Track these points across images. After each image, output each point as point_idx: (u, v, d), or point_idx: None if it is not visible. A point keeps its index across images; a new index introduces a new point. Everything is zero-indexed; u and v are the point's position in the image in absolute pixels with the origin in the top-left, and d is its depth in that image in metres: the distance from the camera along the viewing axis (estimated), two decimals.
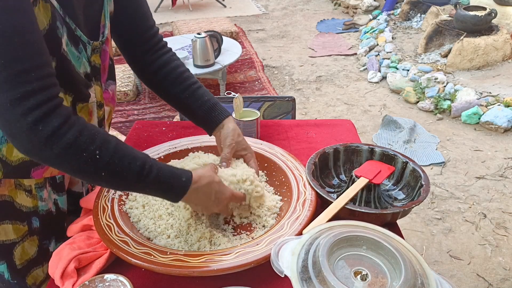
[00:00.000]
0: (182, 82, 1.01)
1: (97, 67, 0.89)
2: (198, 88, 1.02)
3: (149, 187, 0.76)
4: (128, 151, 0.74)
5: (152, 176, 0.74)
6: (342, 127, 1.35)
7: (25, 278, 0.95)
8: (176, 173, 0.78)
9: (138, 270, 0.83)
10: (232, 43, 3.76)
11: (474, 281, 1.91)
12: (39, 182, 0.90)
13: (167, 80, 1.01)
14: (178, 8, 6.19)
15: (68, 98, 0.82)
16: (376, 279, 0.65)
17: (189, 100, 1.01)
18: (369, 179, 0.94)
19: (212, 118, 1.01)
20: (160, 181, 0.76)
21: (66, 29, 0.77)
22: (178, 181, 0.78)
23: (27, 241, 0.93)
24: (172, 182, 0.77)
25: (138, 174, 0.73)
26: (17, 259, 0.92)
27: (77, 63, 0.82)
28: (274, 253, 0.69)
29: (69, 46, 0.79)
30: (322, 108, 3.46)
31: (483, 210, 2.32)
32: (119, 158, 0.71)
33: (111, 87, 0.98)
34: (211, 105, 1.01)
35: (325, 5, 6.29)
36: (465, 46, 3.51)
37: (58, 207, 0.97)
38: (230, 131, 0.99)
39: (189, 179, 0.79)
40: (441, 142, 2.93)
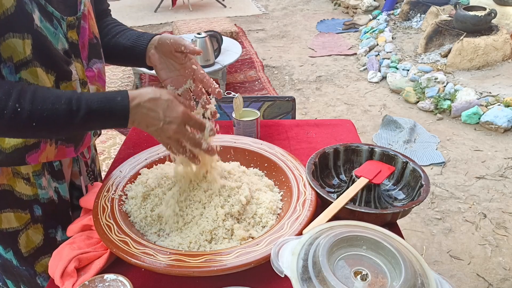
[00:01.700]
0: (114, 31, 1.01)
1: (75, 43, 0.88)
2: (129, 30, 1.02)
3: (87, 120, 0.74)
4: (49, 93, 0.73)
5: (83, 108, 0.73)
6: (342, 127, 1.35)
7: (33, 265, 0.97)
8: (109, 96, 0.76)
9: (138, 270, 0.83)
10: (232, 43, 3.76)
11: (474, 281, 1.91)
12: (36, 170, 0.91)
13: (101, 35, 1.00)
14: (178, 8, 6.19)
15: (50, 77, 0.82)
16: (376, 279, 0.65)
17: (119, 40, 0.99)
18: (369, 179, 0.94)
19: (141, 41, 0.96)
20: (94, 110, 0.74)
21: (36, 4, 0.76)
22: (114, 103, 0.75)
23: (31, 229, 0.94)
24: (107, 107, 0.75)
25: (68, 111, 0.72)
26: (22, 246, 0.94)
27: (54, 39, 0.81)
28: (274, 253, 0.69)
29: (44, 22, 0.78)
30: (322, 108, 3.46)
31: (483, 210, 2.32)
32: (41, 102, 0.71)
33: (96, 65, 0.96)
34: (139, 33, 0.99)
35: (325, 5, 6.29)
36: (465, 46, 3.51)
37: (60, 195, 0.98)
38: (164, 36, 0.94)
39: (125, 96, 0.76)
40: (441, 142, 2.93)
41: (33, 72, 0.78)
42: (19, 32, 0.74)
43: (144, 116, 0.78)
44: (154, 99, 0.78)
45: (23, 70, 0.77)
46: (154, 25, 5.63)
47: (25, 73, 0.78)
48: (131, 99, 0.76)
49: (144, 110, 0.77)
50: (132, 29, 1.04)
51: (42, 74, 0.80)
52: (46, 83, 0.81)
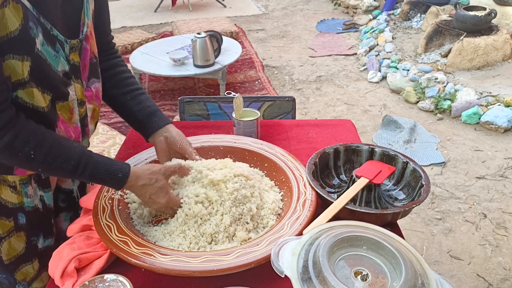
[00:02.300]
0: (125, 86, 1.05)
1: (76, 65, 0.89)
2: (141, 94, 1.05)
3: (86, 180, 0.88)
4: (63, 150, 0.81)
5: (87, 173, 0.83)
6: (342, 127, 1.35)
7: (13, 273, 0.96)
8: (112, 170, 0.85)
9: (138, 270, 0.83)
10: (232, 43, 3.76)
11: (474, 281, 1.91)
12: (23, 178, 0.91)
13: (110, 81, 1.04)
14: (178, 8, 6.18)
15: (46, 97, 0.83)
16: (377, 279, 0.65)
17: (130, 103, 1.04)
18: (370, 179, 0.94)
19: (153, 122, 1.03)
20: (96, 178, 0.84)
21: (41, 29, 0.77)
22: (115, 178, 0.85)
23: (13, 237, 0.93)
24: (107, 179, 0.85)
25: (73, 172, 0.82)
26: (4, 254, 0.93)
27: (54, 62, 0.82)
28: (274, 253, 0.69)
29: (45, 45, 0.79)
30: (322, 108, 3.46)
31: (483, 210, 2.32)
32: (53, 158, 0.79)
33: (95, 85, 0.98)
34: (153, 110, 1.04)
35: (325, 5, 6.29)
36: (465, 46, 3.51)
37: (45, 204, 0.98)
38: (180, 133, 1.03)
39: (126, 176, 0.86)
40: (441, 142, 2.92)
41: (29, 92, 0.80)
42: (19, 55, 0.75)
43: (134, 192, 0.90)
44: (146, 186, 0.88)
45: (20, 90, 0.79)
46: (154, 25, 5.62)
47: (21, 93, 0.79)
48: (128, 181, 0.87)
49: (135, 190, 0.89)
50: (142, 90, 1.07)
51: (38, 94, 0.81)
52: (41, 103, 0.82)
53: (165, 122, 1.03)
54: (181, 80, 3.84)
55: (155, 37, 4.80)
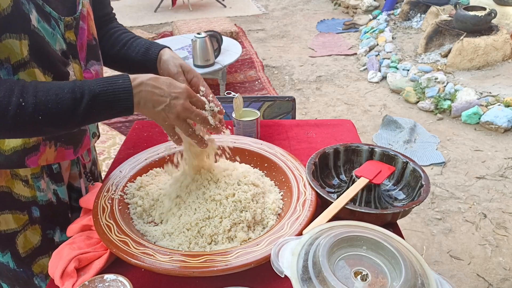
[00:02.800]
0: (120, 41, 1.03)
1: (73, 44, 0.88)
2: (136, 39, 1.03)
3: (92, 107, 0.73)
4: (51, 85, 0.73)
5: (87, 93, 0.72)
6: (342, 127, 1.35)
7: (30, 266, 0.97)
8: (110, 79, 0.76)
9: (138, 270, 0.83)
10: (232, 43, 3.76)
11: (474, 281, 1.91)
12: (35, 172, 0.91)
13: (108, 43, 1.03)
14: (178, 8, 6.19)
15: (47, 79, 0.82)
16: (377, 279, 0.65)
17: (128, 53, 1.01)
18: (369, 179, 0.94)
19: (149, 56, 0.98)
20: (98, 94, 0.73)
21: (33, 5, 0.76)
22: (116, 85, 0.74)
23: (29, 230, 0.94)
24: (110, 89, 0.74)
25: (72, 99, 0.72)
26: (20, 247, 0.94)
27: (52, 39, 0.81)
28: (274, 253, 0.69)
29: (41, 22, 0.78)
30: (322, 108, 3.46)
31: (483, 210, 2.32)
32: (45, 94, 0.71)
33: (94, 67, 0.96)
34: (147, 46, 1.00)
35: (325, 5, 6.29)
36: (465, 46, 3.51)
37: (59, 198, 0.98)
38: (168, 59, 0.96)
39: (126, 77, 0.76)
40: (441, 142, 2.93)
41: (31, 73, 0.78)
42: (15, 33, 0.73)
43: (149, 94, 0.76)
44: (155, 78, 0.78)
45: (21, 72, 0.77)
46: (154, 25, 5.62)
47: (22, 74, 0.77)
48: (132, 79, 0.76)
49: (148, 88, 0.76)
50: (137, 36, 1.05)
51: (39, 75, 0.80)
52: None
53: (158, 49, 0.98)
54: None
55: (155, 37, 4.80)
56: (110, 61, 1.05)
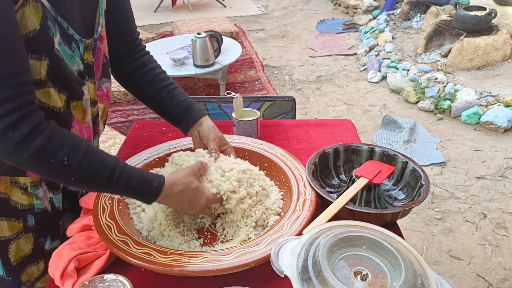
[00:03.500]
0: (158, 82, 1.04)
1: (90, 65, 0.89)
2: (174, 88, 1.05)
3: (119, 191, 0.79)
4: (98, 157, 0.76)
5: (122, 182, 0.76)
6: (342, 127, 1.35)
7: (19, 275, 0.96)
8: (147, 179, 0.80)
9: (138, 270, 0.83)
10: (232, 43, 3.76)
11: (474, 281, 1.91)
12: (34, 181, 0.91)
13: (143, 80, 1.04)
14: (178, 8, 6.18)
15: (62, 97, 0.83)
16: (376, 279, 0.65)
17: (165, 100, 1.03)
18: (369, 179, 0.94)
19: (188, 116, 1.03)
20: (131, 187, 0.78)
21: (58, 28, 0.77)
22: (149, 187, 0.80)
23: (22, 238, 0.93)
24: (142, 187, 0.79)
25: (108, 180, 0.75)
26: (12, 255, 0.93)
27: (70, 61, 0.82)
28: (274, 253, 0.69)
29: (62, 45, 0.79)
30: (322, 108, 3.46)
31: (483, 210, 2.32)
32: (88, 164, 0.73)
33: (105, 84, 0.98)
34: (187, 104, 1.04)
35: (325, 5, 6.29)
36: (465, 46, 3.51)
37: (54, 206, 0.98)
38: (210, 127, 1.02)
39: (161, 185, 0.81)
40: (441, 142, 2.92)
41: (46, 93, 0.79)
42: (37, 54, 0.74)
43: (171, 203, 0.85)
44: (183, 191, 0.84)
45: (37, 90, 0.77)
46: (154, 25, 5.62)
47: (38, 93, 0.78)
48: (164, 190, 0.81)
49: (172, 200, 0.84)
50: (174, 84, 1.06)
51: (54, 94, 0.80)
52: (57, 103, 0.81)
53: (200, 115, 1.04)
54: (181, 80, 3.84)
55: (155, 37, 4.80)
56: (143, 98, 1.07)
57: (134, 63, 1.04)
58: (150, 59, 1.07)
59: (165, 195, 0.81)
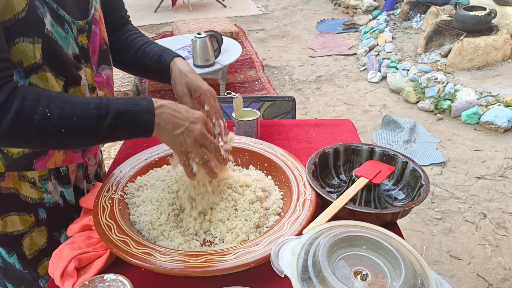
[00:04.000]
0: (134, 45, 1.02)
1: (85, 48, 0.88)
2: (149, 44, 1.02)
3: (115, 125, 0.74)
4: (78, 99, 0.73)
5: (112, 111, 0.73)
6: (342, 127, 1.35)
7: (36, 268, 0.97)
8: (134, 100, 0.77)
9: (138, 270, 0.83)
10: (232, 43, 3.76)
11: (474, 281, 1.91)
12: (42, 175, 0.91)
13: (122, 47, 1.03)
14: (178, 8, 6.19)
15: (59, 82, 0.82)
16: (376, 279, 0.65)
17: (142, 58, 1.01)
18: (369, 179, 0.94)
19: (162, 65, 0.98)
20: (122, 113, 0.74)
21: (48, 9, 0.76)
22: (140, 106, 0.76)
23: (35, 232, 0.94)
24: (134, 109, 0.75)
25: (97, 116, 0.72)
26: (26, 249, 0.94)
27: (65, 43, 0.81)
28: (274, 253, 0.69)
29: (55, 26, 0.78)
30: (322, 108, 3.46)
31: (483, 210, 2.32)
32: (71, 107, 0.71)
33: (105, 71, 0.97)
34: (159, 53, 1.00)
35: (325, 5, 6.29)
36: (465, 46, 3.51)
37: (66, 200, 0.98)
38: (176, 75, 0.95)
39: (150, 100, 0.78)
40: (441, 142, 2.93)
41: (43, 77, 0.78)
42: (29, 36, 0.73)
43: (169, 116, 0.78)
44: (175, 103, 0.81)
45: (33, 75, 0.77)
46: (154, 25, 5.62)
47: (34, 78, 0.77)
48: (155, 101, 0.78)
49: (168, 110, 0.78)
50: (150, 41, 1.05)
51: (51, 79, 0.80)
52: (55, 88, 0.81)
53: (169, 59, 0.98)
54: None
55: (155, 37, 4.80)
56: (125, 65, 1.06)
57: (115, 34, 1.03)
58: (130, 28, 1.07)
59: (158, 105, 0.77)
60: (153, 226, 0.89)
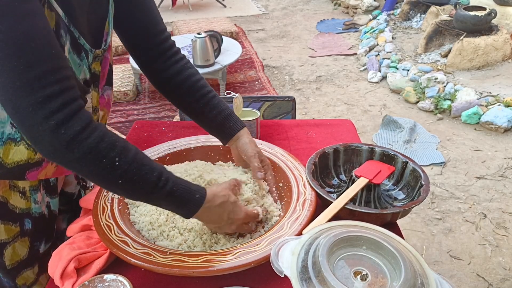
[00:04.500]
0: (197, 91, 0.99)
1: (96, 74, 0.90)
2: (213, 97, 1.00)
3: (163, 199, 0.75)
4: (146, 161, 0.74)
5: (168, 188, 0.74)
6: (342, 127, 1.35)
7: (14, 278, 0.96)
8: (191, 189, 0.78)
9: (138, 270, 0.83)
10: (232, 43, 3.76)
11: (474, 281, 1.91)
12: (33, 185, 0.90)
13: (181, 88, 0.99)
14: (178, 8, 6.19)
15: None
16: (376, 279, 0.65)
17: (204, 109, 0.99)
18: (369, 179, 0.94)
19: (227, 128, 1.00)
20: (175, 195, 0.75)
21: (69, 37, 0.76)
22: (192, 198, 0.78)
23: (18, 242, 0.93)
24: (186, 197, 0.77)
25: (154, 185, 0.73)
26: (7, 259, 0.92)
27: (77, 70, 0.82)
28: (274, 253, 0.69)
29: (71, 54, 0.78)
30: (322, 108, 3.46)
31: (483, 210, 2.32)
32: (137, 167, 0.71)
33: (107, 92, 0.98)
34: (226, 115, 1.00)
35: (325, 5, 6.29)
36: (465, 46, 3.51)
37: (50, 210, 0.98)
38: (247, 143, 1.00)
39: (203, 196, 0.79)
40: (441, 142, 2.92)
41: None
42: None
43: (209, 217, 0.82)
44: (223, 204, 0.82)
45: None
46: None
47: None
48: (206, 201, 0.79)
49: (212, 213, 0.81)
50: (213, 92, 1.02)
51: None
52: None
53: (238, 127, 1.01)
54: None
55: None
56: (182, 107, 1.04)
57: (169, 69, 0.98)
58: (187, 65, 1.00)
59: (206, 207, 0.79)
60: (153, 226, 0.89)
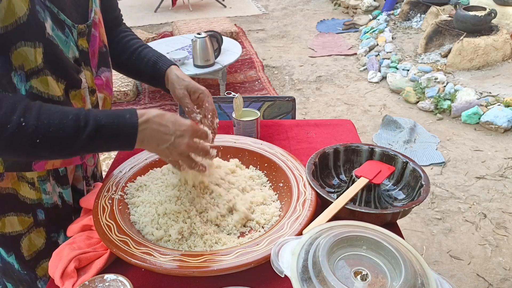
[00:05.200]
0: (129, 48, 1.04)
1: (85, 51, 0.89)
2: (143, 49, 1.04)
3: (94, 137, 0.71)
4: (56, 108, 0.71)
5: (91, 124, 0.70)
6: (342, 127, 1.35)
7: (34, 269, 0.97)
8: (117, 113, 0.74)
9: (138, 270, 0.83)
10: (232, 43, 3.76)
11: (474, 281, 1.91)
12: (41, 175, 0.91)
13: (117, 49, 1.04)
14: (178, 8, 6.19)
15: (60, 86, 0.82)
16: (376, 279, 0.65)
17: (136, 62, 1.02)
18: (369, 179, 0.94)
19: (157, 72, 1.00)
20: (103, 125, 0.70)
21: (48, 13, 0.76)
22: (123, 119, 0.73)
23: (33, 233, 0.94)
24: (116, 122, 0.72)
25: (75, 127, 0.69)
26: (24, 250, 0.94)
27: (65, 47, 0.82)
28: (274, 253, 0.69)
29: (55, 30, 0.78)
30: (322, 108, 3.46)
31: (483, 210, 2.32)
32: (48, 118, 0.68)
33: (105, 74, 0.98)
34: (154, 60, 1.00)
35: (325, 5, 6.29)
36: (465, 46, 3.51)
37: (64, 200, 0.98)
38: (174, 80, 0.96)
39: (134, 113, 0.74)
40: (441, 142, 2.93)
41: (44, 81, 0.78)
42: (30, 41, 0.74)
43: (154, 132, 0.76)
44: (161, 115, 0.77)
45: (34, 79, 0.77)
46: (154, 25, 5.62)
47: (35, 82, 0.77)
48: (139, 115, 0.75)
49: (154, 126, 0.75)
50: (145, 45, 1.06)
51: (52, 82, 0.80)
52: (56, 92, 0.81)
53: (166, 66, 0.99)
54: None
55: (155, 37, 4.80)
56: (119, 67, 1.07)
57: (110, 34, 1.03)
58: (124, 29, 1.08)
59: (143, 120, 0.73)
60: (153, 226, 0.89)
